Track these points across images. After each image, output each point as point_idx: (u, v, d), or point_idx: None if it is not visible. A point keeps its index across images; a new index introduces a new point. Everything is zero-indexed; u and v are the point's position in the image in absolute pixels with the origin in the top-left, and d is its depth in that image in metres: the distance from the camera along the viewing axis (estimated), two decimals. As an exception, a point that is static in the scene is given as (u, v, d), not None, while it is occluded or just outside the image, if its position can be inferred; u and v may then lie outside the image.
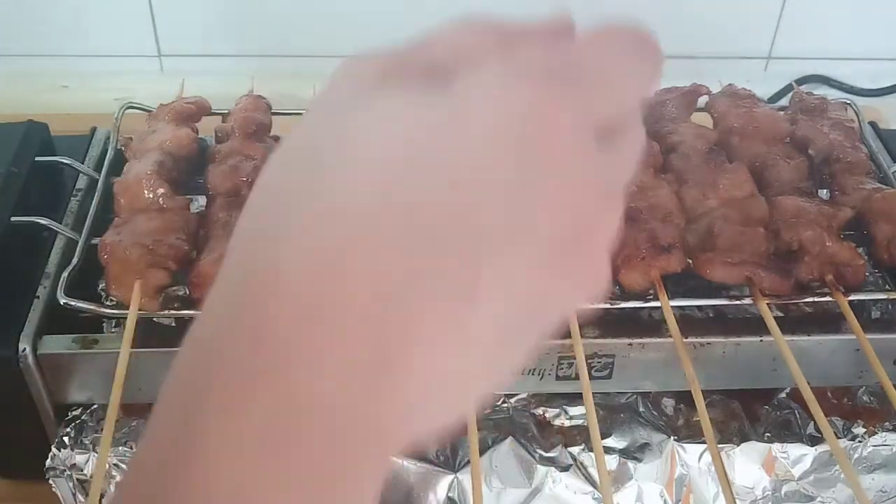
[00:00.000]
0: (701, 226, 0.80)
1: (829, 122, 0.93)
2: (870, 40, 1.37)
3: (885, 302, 0.84)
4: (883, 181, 0.88)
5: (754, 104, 0.96)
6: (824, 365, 0.78)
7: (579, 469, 0.77)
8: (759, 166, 0.87)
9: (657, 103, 0.96)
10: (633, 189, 0.83)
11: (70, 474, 0.76)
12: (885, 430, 0.80)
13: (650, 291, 0.76)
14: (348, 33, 1.33)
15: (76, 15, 1.30)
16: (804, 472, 0.78)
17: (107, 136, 0.94)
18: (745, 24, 1.36)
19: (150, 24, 1.31)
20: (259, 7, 1.32)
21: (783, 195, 0.83)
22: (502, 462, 0.77)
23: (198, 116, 0.94)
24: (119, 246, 0.74)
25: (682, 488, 0.77)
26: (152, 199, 0.80)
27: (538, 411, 0.81)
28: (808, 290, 0.77)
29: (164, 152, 0.85)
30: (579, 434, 0.79)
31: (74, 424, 0.78)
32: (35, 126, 0.92)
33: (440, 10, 1.39)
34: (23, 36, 1.32)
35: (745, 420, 0.81)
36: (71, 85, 1.33)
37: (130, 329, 0.70)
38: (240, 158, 0.86)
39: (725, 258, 0.76)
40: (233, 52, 1.33)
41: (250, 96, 0.97)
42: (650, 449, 0.78)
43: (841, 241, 0.78)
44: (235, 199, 0.82)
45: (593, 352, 0.76)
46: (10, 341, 0.73)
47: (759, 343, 0.76)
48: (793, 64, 1.36)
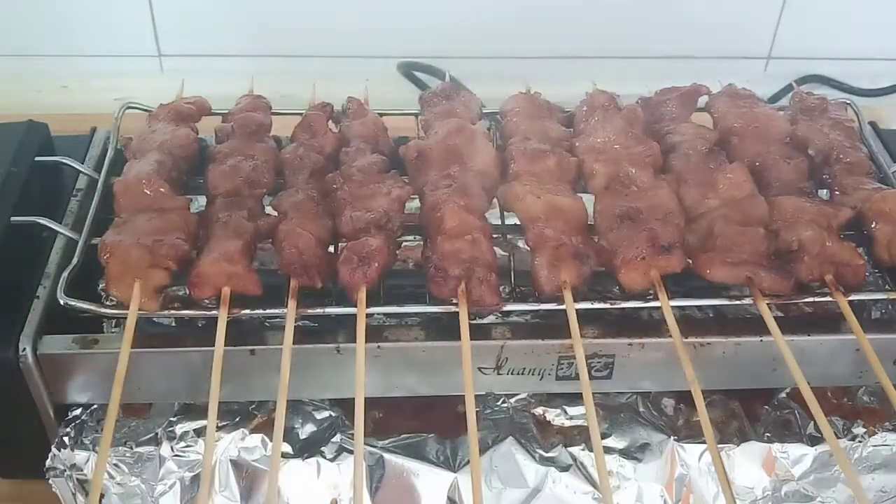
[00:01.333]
0: (701, 226, 0.80)
1: (829, 122, 0.93)
2: (870, 40, 1.37)
3: (885, 302, 0.85)
4: (883, 181, 0.88)
5: (754, 104, 0.96)
6: (824, 365, 0.78)
7: (579, 469, 0.77)
8: (759, 166, 0.87)
9: (657, 103, 0.97)
10: (634, 189, 0.83)
11: (70, 474, 0.76)
12: (885, 430, 0.80)
13: (650, 291, 0.76)
14: (348, 33, 1.34)
15: (76, 15, 1.30)
16: (804, 472, 0.78)
17: (107, 136, 0.94)
18: (745, 24, 1.36)
19: (150, 24, 1.32)
20: (259, 7, 1.32)
21: (783, 195, 0.83)
22: (502, 462, 0.77)
23: (198, 116, 0.95)
24: (119, 246, 0.74)
25: (682, 488, 0.78)
26: (152, 199, 0.80)
27: (538, 411, 0.81)
28: (808, 290, 0.77)
29: (164, 152, 0.85)
30: (579, 434, 0.79)
31: (74, 424, 0.78)
32: (35, 126, 0.92)
33: (440, 10, 1.39)
34: (23, 36, 1.32)
35: (745, 420, 0.81)
36: (71, 85, 1.33)
37: (130, 329, 0.70)
38: (240, 158, 0.86)
39: (725, 258, 0.76)
40: (233, 52, 1.34)
41: (250, 96, 0.97)
42: (650, 449, 0.78)
43: (841, 241, 0.78)
44: (235, 199, 0.82)
45: (593, 352, 0.76)
46: (10, 341, 0.73)
47: (759, 343, 0.76)
48: (793, 64, 1.36)
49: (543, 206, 0.79)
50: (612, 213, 0.80)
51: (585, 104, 0.95)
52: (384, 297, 0.75)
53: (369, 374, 0.69)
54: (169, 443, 0.77)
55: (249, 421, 0.78)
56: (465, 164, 0.84)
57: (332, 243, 0.79)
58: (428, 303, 0.75)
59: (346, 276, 0.73)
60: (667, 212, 0.80)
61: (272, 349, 0.73)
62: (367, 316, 0.72)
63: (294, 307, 0.72)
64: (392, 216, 0.79)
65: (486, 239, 0.76)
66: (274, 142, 0.92)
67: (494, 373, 0.77)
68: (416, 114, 0.97)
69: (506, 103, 0.96)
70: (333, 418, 0.79)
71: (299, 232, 0.76)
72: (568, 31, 1.33)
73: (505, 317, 0.83)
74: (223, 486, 0.76)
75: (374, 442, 0.78)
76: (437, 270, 0.73)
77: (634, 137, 0.88)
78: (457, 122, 0.89)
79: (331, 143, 0.91)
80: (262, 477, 0.76)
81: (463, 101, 0.95)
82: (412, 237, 0.83)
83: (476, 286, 0.73)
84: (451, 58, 1.26)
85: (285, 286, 0.74)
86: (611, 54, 1.34)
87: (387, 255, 0.75)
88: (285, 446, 0.77)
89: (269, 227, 0.79)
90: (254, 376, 0.76)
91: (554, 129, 0.92)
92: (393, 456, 0.77)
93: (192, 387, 0.76)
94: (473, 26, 1.32)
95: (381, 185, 0.82)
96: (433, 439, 0.78)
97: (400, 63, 1.35)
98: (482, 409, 0.80)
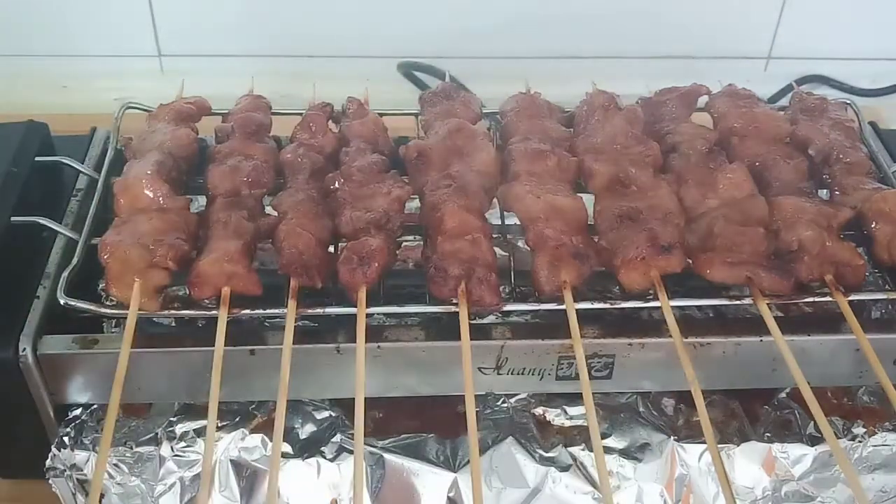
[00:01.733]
0: (701, 226, 0.80)
1: (829, 122, 0.93)
2: (870, 40, 1.37)
3: (885, 302, 0.85)
4: (883, 181, 0.88)
5: (754, 104, 0.96)
6: (824, 365, 0.78)
7: (579, 469, 0.77)
8: (759, 166, 0.87)
9: (657, 103, 0.97)
10: (634, 189, 0.83)
11: (70, 474, 0.76)
12: (885, 430, 0.80)
13: (650, 291, 0.76)
14: (348, 33, 1.34)
15: (76, 15, 1.30)
16: (804, 472, 0.78)
17: (107, 136, 0.94)
18: (745, 24, 1.36)
19: (150, 24, 1.31)
20: (259, 7, 1.32)
21: (783, 195, 0.83)
22: (502, 462, 0.77)
23: (198, 116, 0.94)
24: (119, 246, 0.74)
25: (682, 488, 0.78)
26: (152, 199, 0.80)
27: (538, 411, 0.81)
28: (808, 290, 0.77)
29: (164, 152, 0.85)
30: (579, 434, 0.79)
31: (74, 424, 0.78)
32: (35, 126, 0.92)
33: (440, 10, 1.39)
34: (23, 36, 1.32)
35: (745, 420, 0.81)
36: (71, 85, 1.33)
37: (130, 329, 0.70)
38: (240, 158, 0.86)
39: (725, 258, 0.76)
40: (233, 52, 1.34)
41: (250, 96, 0.97)
42: (650, 449, 0.78)
43: (841, 241, 0.78)
44: (235, 199, 0.82)
45: (593, 352, 0.76)
46: (10, 341, 0.73)
47: (759, 343, 0.76)
48: (793, 64, 1.36)
49: (543, 206, 0.79)
50: (612, 213, 0.80)
51: (585, 104, 0.95)
52: (384, 297, 0.75)
53: (369, 374, 0.69)
54: (169, 443, 0.77)
55: (249, 421, 0.78)
56: (465, 164, 0.84)
57: (332, 243, 0.79)
58: (428, 303, 0.75)
59: (346, 276, 0.73)
60: (667, 212, 0.80)
61: (272, 349, 0.73)
62: (367, 316, 0.72)
63: (294, 307, 0.72)
64: (392, 216, 0.79)
65: (486, 239, 0.76)
66: (274, 142, 0.92)
67: (494, 373, 0.77)
68: (416, 114, 0.97)
69: (506, 103, 0.96)
70: (333, 418, 0.79)
71: (299, 232, 0.76)
72: (568, 31, 1.33)
73: (505, 317, 0.83)
74: (223, 486, 0.76)
75: (374, 442, 0.78)
76: (437, 270, 0.73)
77: (634, 137, 0.88)
78: (457, 122, 0.89)
79: (331, 143, 0.91)
80: (262, 477, 0.76)
81: (463, 101, 0.95)
82: (412, 237, 0.83)
83: (476, 286, 0.73)
84: (451, 58, 1.26)
85: (285, 286, 0.74)
86: (611, 54, 1.34)
87: (387, 255, 0.74)
88: (285, 446, 0.77)
89: (269, 227, 0.79)
90: (254, 376, 0.76)
91: (554, 129, 0.92)
92: (393, 456, 0.77)
93: (192, 387, 0.76)
94: (473, 26, 1.33)
95: (381, 185, 0.82)
96: (433, 439, 0.78)
97: (400, 63, 1.35)
98: (482, 409, 0.80)
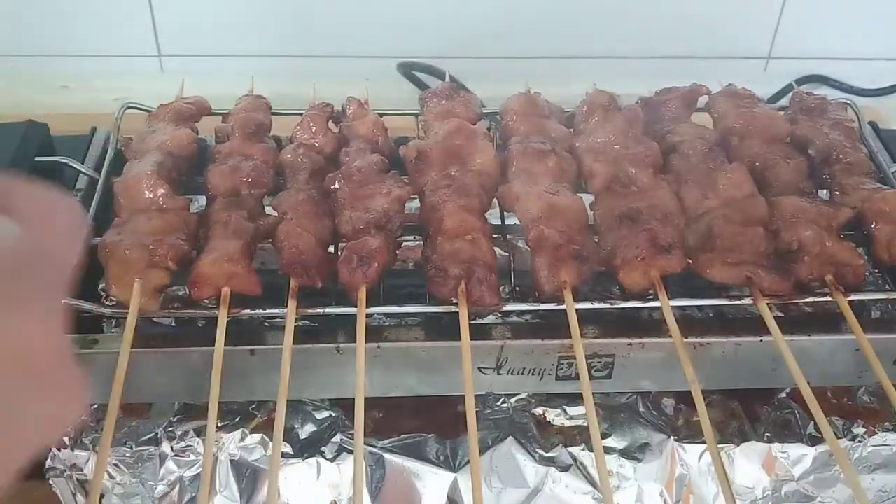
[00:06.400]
0: (701, 226, 0.80)
1: (829, 122, 0.93)
2: (870, 40, 1.37)
3: (885, 302, 0.84)
4: (883, 181, 0.88)
5: (754, 104, 0.96)
6: (824, 365, 0.78)
7: (579, 469, 0.77)
8: (759, 166, 0.87)
9: (657, 103, 0.97)
10: (634, 189, 0.83)
11: (70, 474, 0.76)
12: (885, 430, 0.80)
13: (650, 291, 0.76)
14: (348, 34, 1.34)
15: (76, 15, 1.30)
16: (804, 472, 0.78)
17: (107, 136, 0.94)
18: (745, 24, 1.36)
19: (151, 24, 1.31)
20: (259, 7, 1.32)
21: (783, 195, 0.83)
22: (502, 462, 0.77)
23: (198, 116, 0.94)
24: (119, 246, 0.74)
25: (682, 488, 0.78)
26: (152, 199, 0.80)
27: (538, 411, 0.81)
28: (808, 290, 0.77)
29: (164, 152, 0.85)
30: (579, 434, 0.79)
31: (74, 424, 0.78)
32: (35, 126, 0.92)
33: (440, 10, 1.39)
34: (23, 36, 1.32)
35: (745, 420, 0.81)
36: (71, 85, 1.33)
37: (130, 329, 0.70)
38: (240, 158, 0.86)
39: (725, 258, 0.76)
40: (233, 52, 1.34)
41: (250, 96, 0.97)
42: (650, 449, 0.78)
43: (841, 241, 0.78)
44: (235, 199, 0.82)
45: (593, 352, 0.76)
46: (10, 341, 0.73)
47: (759, 343, 0.76)
48: (793, 64, 1.36)
49: (543, 206, 0.79)
50: (612, 213, 0.80)
51: (585, 104, 0.95)
52: (384, 297, 0.75)
53: (369, 374, 0.69)
54: (169, 443, 0.77)
55: (249, 421, 0.78)
56: (465, 164, 0.84)
57: (332, 243, 0.79)
58: (428, 303, 0.75)
59: (346, 276, 0.73)
60: (667, 212, 0.80)
61: (272, 349, 0.73)
62: (367, 316, 0.72)
63: (294, 307, 0.72)
64: (392, 216, 0.79)
65: (485, 239, 0.76)
66: (274, 142, 0.92)
67: (494, 373, 0.77)
68: (416, 114, 0.97)
69: (506, 103, 0.96)
70: (333, 418, 0.79)
71: (299, 232, 0.76)
72: (568, 31, 1.33)
73: (505, 317, 0.83)
74: (223, 486, 0.76)
75: (374, 442, 0.78)
76: (437, 270, 0.73)
77: (634, 137, 0.88)
78: (457, 122, 0.89)
79: (331, 143, 0.91)
80: (262, 477, 0.76)
81: (463, 101, 0.95)
82: (412, 237, 0.83)
83: (476, 286, 0.73)
84: (451, 58, 1.26)
85: (285, 286, 0.74)
86: (611, 54, 1.34)
87: (387, 255, 0.74)
88: (285, 446, 0.77)
89: (269, 227, 0.79)
90: (254, 376, 0.76)
91: (554, 129, 0.92)
92: (393, 456, 0.77)
93: (192, 387, 0.76)
94: (473, 26, 1.32)
95: (381, 185, 0.82)
96: (433, 439, 0.78)
97: (400, 63, 1.35)
98: (482, 409, 0.80)
